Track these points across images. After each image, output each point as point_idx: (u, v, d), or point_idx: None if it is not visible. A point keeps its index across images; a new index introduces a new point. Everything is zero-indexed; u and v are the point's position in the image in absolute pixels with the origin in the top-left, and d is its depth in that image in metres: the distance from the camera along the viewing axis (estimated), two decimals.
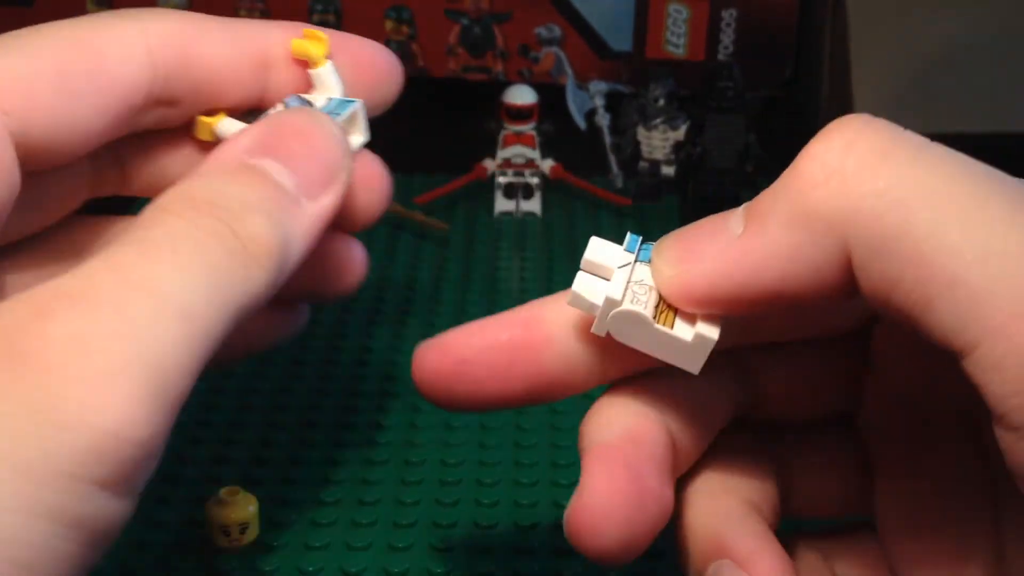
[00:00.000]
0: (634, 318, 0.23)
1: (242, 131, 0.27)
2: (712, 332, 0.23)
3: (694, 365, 0.23)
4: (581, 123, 0.65)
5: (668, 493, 0.24)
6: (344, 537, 0.38)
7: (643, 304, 0.23)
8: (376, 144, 0.32)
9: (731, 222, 0.22)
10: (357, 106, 0.31)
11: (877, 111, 0.24)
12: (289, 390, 0.46)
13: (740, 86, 0.59)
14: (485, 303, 0.53)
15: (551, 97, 0.64)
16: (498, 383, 0.25)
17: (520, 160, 0.61)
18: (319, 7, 0.78)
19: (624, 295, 0.23)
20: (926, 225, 0.20)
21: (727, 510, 0.25)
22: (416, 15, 0.77)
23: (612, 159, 0.64)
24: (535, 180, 0.61)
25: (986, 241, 0.19)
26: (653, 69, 0.65)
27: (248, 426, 0.44)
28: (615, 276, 0.24)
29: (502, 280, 0.55)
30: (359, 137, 0.31)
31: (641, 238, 0.25)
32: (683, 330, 0.23)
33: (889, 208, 0.20)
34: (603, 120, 0.65)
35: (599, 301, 0.23)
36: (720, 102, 0.59)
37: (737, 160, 0.60)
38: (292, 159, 0.26)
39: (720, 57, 0.75)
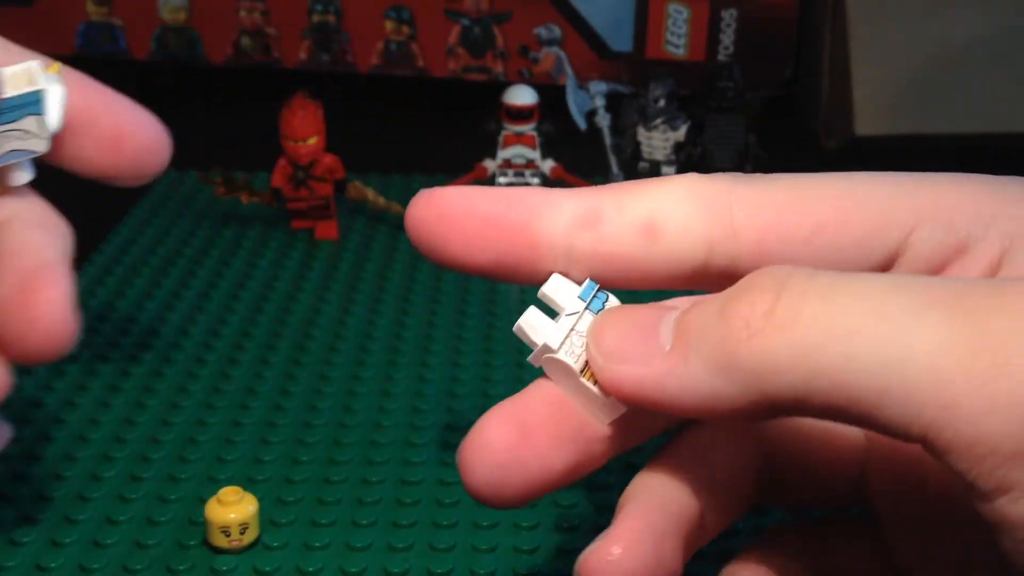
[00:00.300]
0: (563, 367, 0.24)
1: None
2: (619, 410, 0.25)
3: (603, 421, 0.25)
4: (581, 123, 0.65)
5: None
6: (344, 537, 0.38)
7: (576, 356, 0.24)
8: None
9: (662, 330, 0.23)
10: (39, 95, 0.30)
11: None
12: (288, 391, 0.46)
13: (740, 86, 0.59)
14: (485, 303, 0.53)
15: (551, 97, 0.64)
16: (471, 252, 0.25)
17: (520, 161, 0.61)
18: (319, 7, 0.78)
19: (561, 344, 0.24)
20: (843, 360, 0.20)
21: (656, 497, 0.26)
22: (416, 15, 0.77)
23: (612, 159, 0.64)
24: (535, 181, 0.61)
25: (903, 345, 0.20)
26: (653, 69, 0.65)
27: (248, 426, 0.44)
28: (560, 322, 0.25)
29: None
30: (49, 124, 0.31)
31: (597, 287, 0.25)
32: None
33: (808, 355, 0.20)
34: (603, 120, 0.65)
35: (539, 341, 0.25)
36: (720, 102, 0.59)
37: (737, 160, 0.60)
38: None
39: (720, 57, 0.75)
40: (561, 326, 0.25)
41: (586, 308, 0.25)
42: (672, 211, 0.25)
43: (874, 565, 0.27)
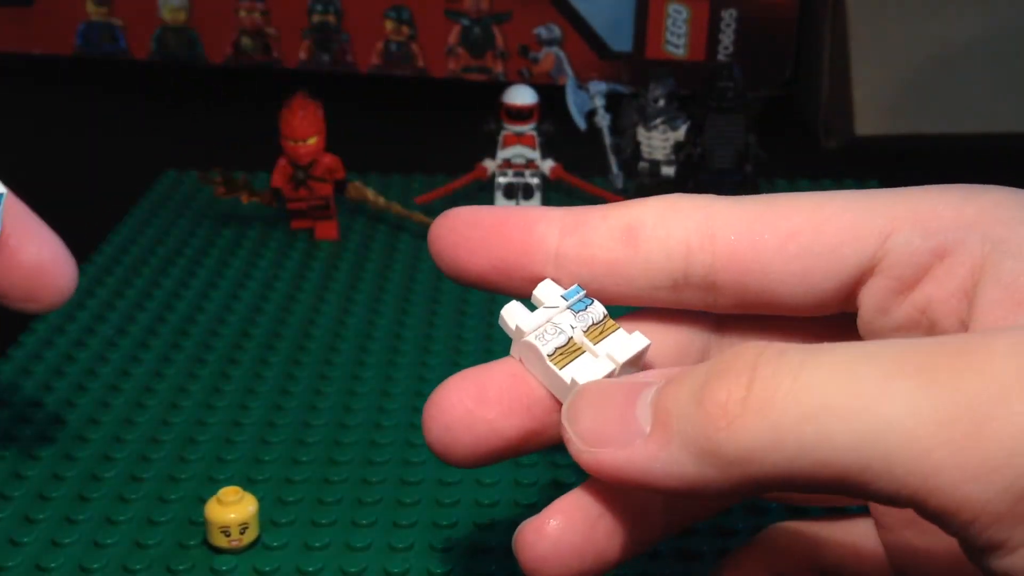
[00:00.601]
0: (533, 350, 0.26)
1: None
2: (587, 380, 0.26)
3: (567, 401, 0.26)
4: (581, 123, 0.65)
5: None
6: (344, 537, 0.38)
7: (547, 342, 0.26)
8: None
9: (639, 410, 0.23)
10: None
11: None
12: (288, 391, 0.46)
13: (740, 86, 0.59)
14: (485, 303, 0.53)
15: (551, 97, 0.64)
16: (474, 258, 0.27)
17: (520, 160, 0.61)
18: (319, 7, 0.78)
19: (535, 330, 0.26)
20: (820, 439, 0.20)
21: None
22: (416, 15, 0.77)
23: (612, 159, 0.64)
24: (535, 180, 0.61)
25: (877, 418, 0.20)
26: (653, 69, 0.65)
27: (248, 426, 0.44)
28: (538, 312, 0.27)
29: None
30: None
31: (583, 292, 0.27)
32: (569, 371, 0.26)
33: (786, 438, 0.20)
34: (603, 120, 0.65)
35: (513, 325, 0.27)
36: (720, 102, 0.59)
37: (737, 160, 0.60)
38: None
39: (720, 57, 0.75)
40: (538, 315, 0.26)
41: (567, 307, 0.27)
42: (652, 219, 0.26)
43: (873, 565, 0.27)
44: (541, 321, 0.26)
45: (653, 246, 0.26)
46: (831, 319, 0.27)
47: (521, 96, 0.60)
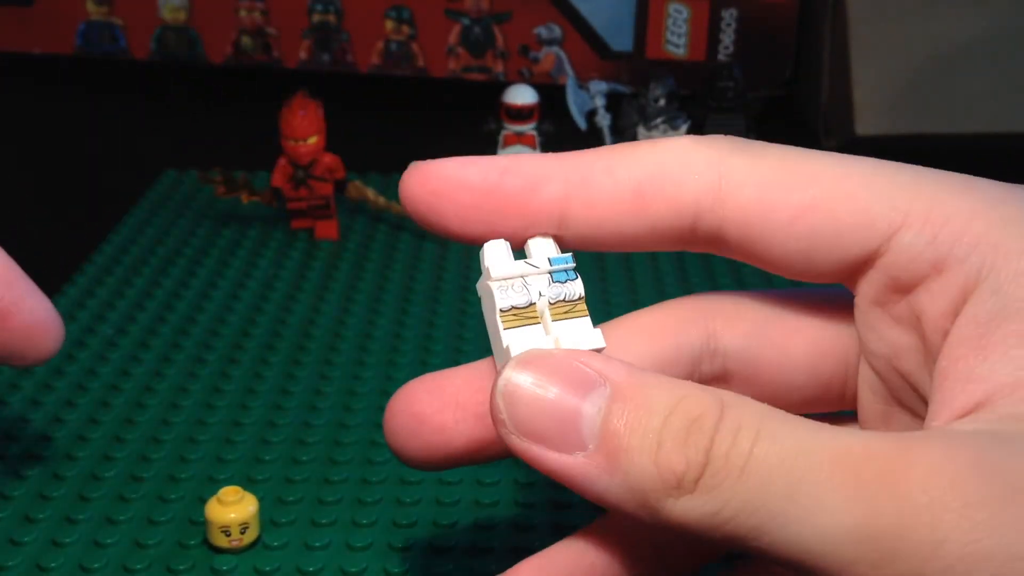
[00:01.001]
0: (490, 298, 0.25)
1: None
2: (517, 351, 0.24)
3: (500, 365, 0.25)
4: (581, 123, 0.65)
5: (460, 436, 0.26)
6: (344, 537, 0.38)
7: (506, 297, 0.25)
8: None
9: (585, 423, 0.22)
10: None
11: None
12: (288, 391, 0.46)
13: (740, 86, 0.59)
14: None
15: (551, 97, 0.64)
16: (466, 224, 0.26)
17: None
18: (319, 7, 0.78)
19: (503, 279, 0.25)
20: (756, 534, 0.21)
21: None
22: (416, 15, 0.77)
23: None
24: None
25: (807, 522, 0.21)
26: (653, 69, 0.65)
27: (248, 426, 0.44)
28: (518, 264, 0.25)
29: None
30: None
31: (569, 264, 0.25)
32: (512, 336, 0.24)
33: (725, 525, 0.21)
34: (603, 120, 0.65)
35: (486, 264, 0.25)
36: (720, 102, 0.59)
37: None
38: None
39: (720, 57, 0.75)
40: (515, 266, 0.25)
41: (547, 271, 0.25)
42: (661, 180, 0.25)
43: None
44: (514, 273, 0.25)
45: (662, 207, 0.25)
46: (832, 305, 0.27)
47: (521, 96, 0.61)
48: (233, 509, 0.36)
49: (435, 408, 0.26)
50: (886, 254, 0.24)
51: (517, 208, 0.25)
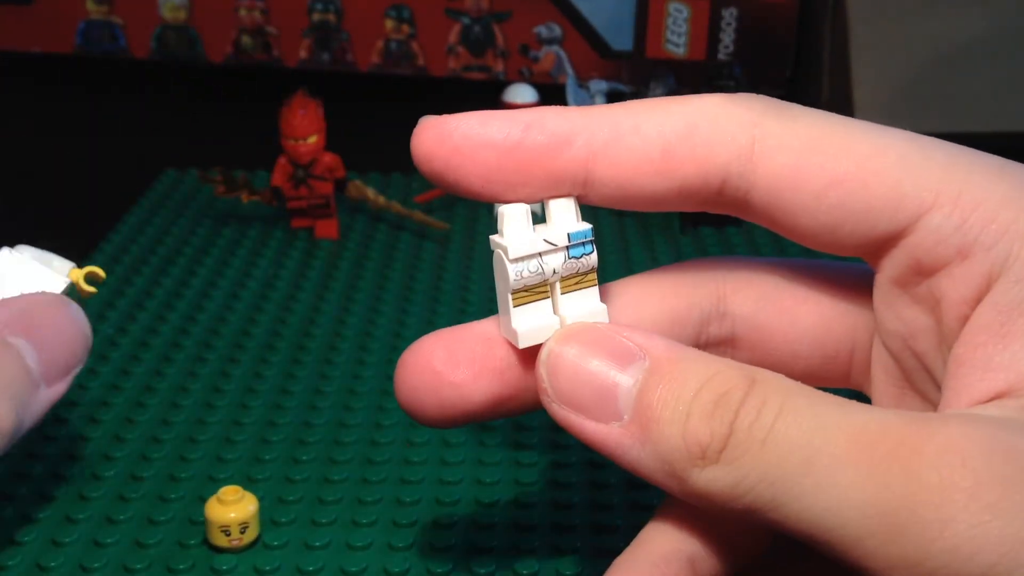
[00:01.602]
0: (504, 275, 0.25)
1: None
2: (526, 343, 0.25)
3: (515, 342, 0.25)
4: None
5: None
6: (344, 536, 0.38)
7: (521, 278, 0.24)
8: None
9: (621, 395, 0.23)
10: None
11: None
12: (288, 390, 0.46)
13: (740, 86, 0.59)
14: (485, 302, 0.53)
15: (551, 96, 0.64)
16: (488, 184, 0.25)
17: None
18: (319, 6, 0.78)
19: (521, 258, 0.24)
20: (774, 505, 0.22)
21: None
22: (416, 14, 0.77)
23: None
24: None
25: (826, 496, 0.21)
26: (653, 68, 0.65)
27: (248, 425, 0.44)
28: (534, 238, 0.24)
29: None
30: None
31: (588, 238, 0.25)
32: (520, 316, 0.25)
33: (746, 495, 0.22)
34: None
35: (503, 234, 0.25)
36: None
37: None
38: (43, 345, 0.28)
39: (720, 57, 0.75)
40: (533, 241, 0.24)
41: (567, 247, 0.25)
42: (692, 141, 0.24)
43: None
44: (532, 251, 0.24)
45: (690, 169, 0.24)
46: (844, 280, 0.27)
47: (521, 95, 0.60)
48: (233, 509, 0.36)
49: (452, 364, 0.26)
50: (912, 234, 0.24)
51: (541, 167, 0.24)
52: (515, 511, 0.39)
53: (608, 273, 0.56)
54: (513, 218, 0.25)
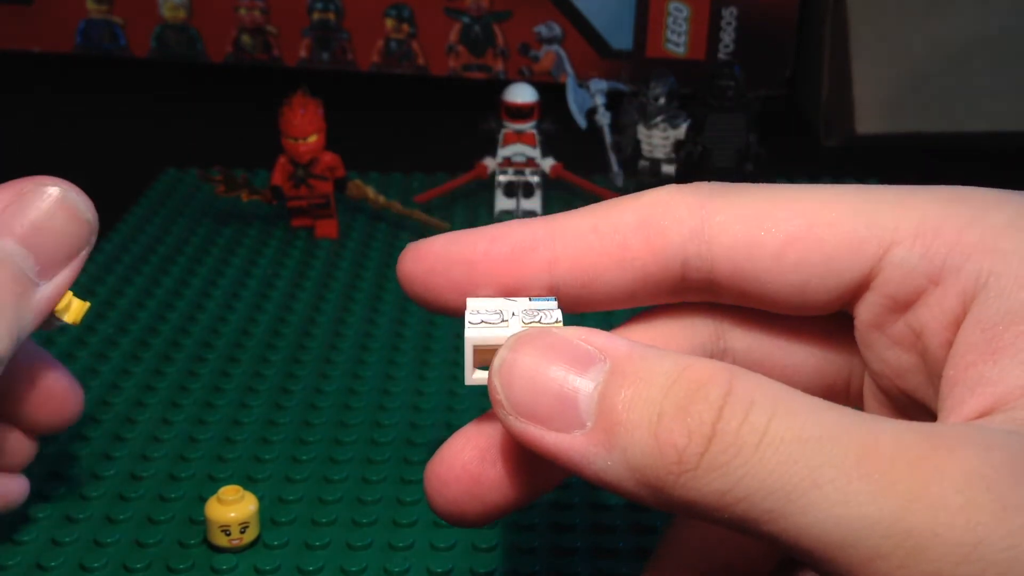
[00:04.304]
0: (465, 321, 0.25)
1: None
2: (471, 381, 0.25)
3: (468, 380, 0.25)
4: (581, 122, 0.65)
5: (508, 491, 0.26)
6: (344, 536, 0.38)
7: (481, 328, 0.24)
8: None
9: (582, 400, 0.22)
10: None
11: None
12: (288, 390, 0.46)
13: (740, 85, 0.59)
14: None
15: (551, 96, 0.64)
16: (455, 296, 0.26)
17: (520, 159, 0.61)
18: (319, 5, 0.78)
19: (476, 308, 0.25)
20: (769, 516, 0.20)
21: None
22: (416, 13, 0.77)
23: (612, 158, 0.64)
24: (535, 179, 0.61)
25: (823, 512, 0.20)
26: (654, 67, 0.65)
27: (248, 425, 0.44)
28: (495, 300, 0.25)
29: None
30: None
31: (551, 304, 0.25)
32: (480, 374, 0.25)
33: (735, 505, 0.21)
34: (603, 119, 0.65)
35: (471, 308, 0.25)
36: (720, 101, 0.59)
37: (737, 159, 0.60)
38: (36, 244, 0.28)
39: (720, 56, 0.75)
40: (493, 301, 0.25)
41: (528, 299, 0.25)
42: (646, 230, 0.25)
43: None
44: (490, 307, 0.25)
45: (648, 258, 0.25)
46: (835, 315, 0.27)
47: (521, 94, 0.60)
48: (233, 508, 0.36)
49: (487, 464, 0.25)
50: (880, 274, 0.24)
51: (508, 275, 0.26)
52: (516, 511, 0.39)
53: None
54: (477, 306, 0.25)
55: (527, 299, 0.25)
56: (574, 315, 0.26)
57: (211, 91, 0.81)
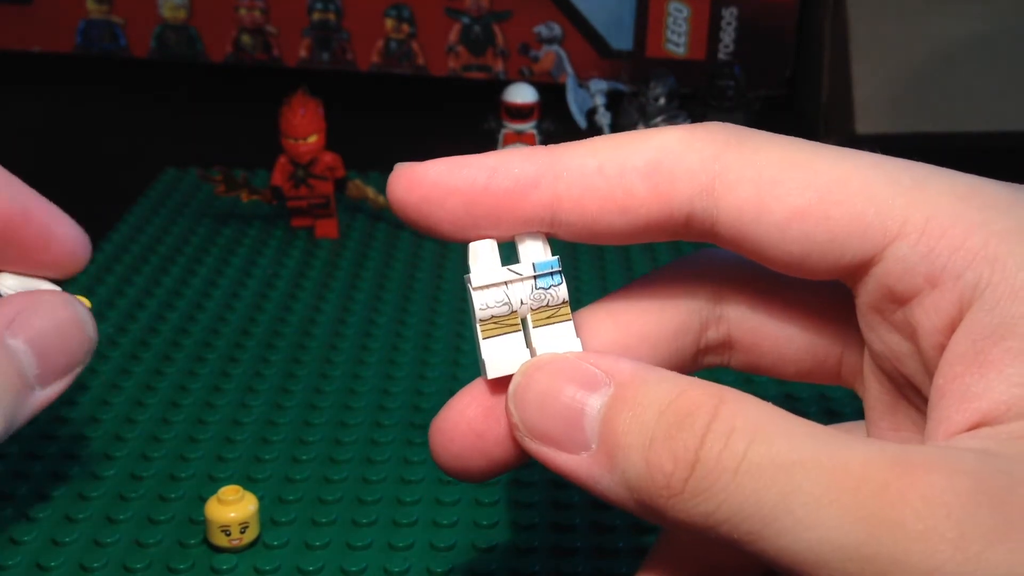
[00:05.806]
0: (472, 305, 0.25)
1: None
2: (494, 373, 0.25)
3: (484, 373, 0.25)
4: (581, 122, 0.65)
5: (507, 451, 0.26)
6: (344, 536, 0.38)
7: (487, 308, 0.25)
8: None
9: (587, 422, 0.23)
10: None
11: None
12: (288, 390, 0.46)
13: (740, 85, 0.59)
14: None
15: (551, 96, 0.64)
16: (458, 229, 0.26)
17: None
18: (319, 5, 0.78)
19: (486, 287, 0.25)
20: (750, 538, 0.21)
21: None
22: (416, 13, 0.77)
23: None
24: None
25: (801, 537, 0.21)
26: (653, 68, 0.65)
27: (248, 425, 0.44)
28: (502, 270, 0.25)
29: None
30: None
31: (555, 268, 0.25)
32: (489, 348, 0.25)
33: (720, 526, 0.21)
34: (603, 119, 0.65)
35: (472, 267, 0.25)
36: (720, 101, 0.59)
37: None
38: (43, 347, 0.28)
39: (720, 56, 0.75)
40: (497, 273, 0.25)
41: (533, 276, 0.25)
42: (655, 178, 0.24)
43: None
44: (496, 280, 0.25)
45: (654, 206, 0.25)
46: (834, 285, 0.26)
47: (521, 94, 0.60)
48: (233, 508, 0.36)
49: (491, 421, 0.26)
50: (881, 263, 0.23)
51: (508, 210, 0.25)
52: (515, 511, 0.39)
53: (608, 269, 0.56)
54: (480, 252, 0.25)
55: (531, 264, 0.25)
56: (569, 244, 0.26)
57: (211, 91, 0.81)
